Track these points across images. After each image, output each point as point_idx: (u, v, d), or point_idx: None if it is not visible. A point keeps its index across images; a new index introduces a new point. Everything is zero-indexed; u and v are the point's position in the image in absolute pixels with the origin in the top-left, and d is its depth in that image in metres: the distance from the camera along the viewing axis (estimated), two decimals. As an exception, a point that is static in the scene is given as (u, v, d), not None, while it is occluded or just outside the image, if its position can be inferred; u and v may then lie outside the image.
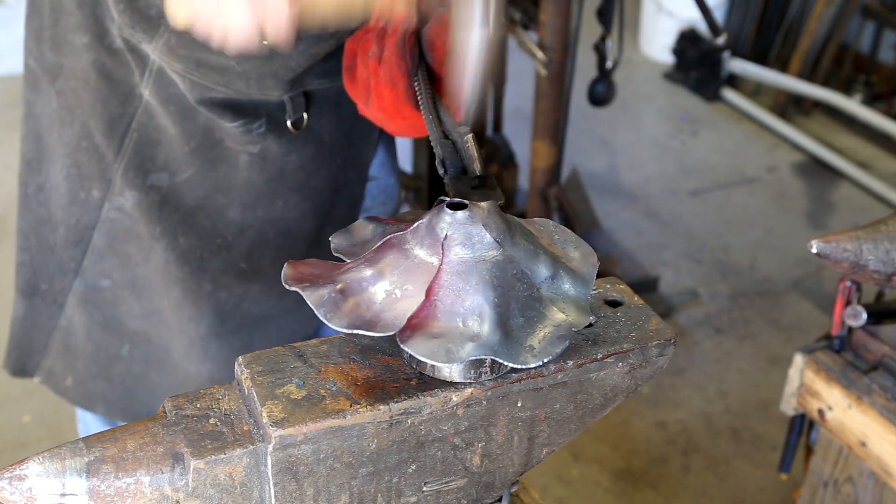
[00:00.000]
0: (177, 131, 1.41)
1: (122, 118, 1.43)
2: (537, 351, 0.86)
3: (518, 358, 0.85)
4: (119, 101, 1.42)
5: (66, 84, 1.46)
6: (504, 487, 1.01)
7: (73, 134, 1.48)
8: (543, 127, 2.99)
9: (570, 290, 0.93)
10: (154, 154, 1.44)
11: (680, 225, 3.82)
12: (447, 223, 0.89)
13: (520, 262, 0.90)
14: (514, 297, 0.88)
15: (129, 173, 1.45)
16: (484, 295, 0.87)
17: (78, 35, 1.41)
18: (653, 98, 4.89)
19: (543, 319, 0.89)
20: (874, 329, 1.47)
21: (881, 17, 4.59)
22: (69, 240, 1.54)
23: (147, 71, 1.37)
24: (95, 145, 1.46)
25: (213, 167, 1.44)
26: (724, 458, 2.75)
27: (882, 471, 1.43)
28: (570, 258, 0.96)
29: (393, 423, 0.88)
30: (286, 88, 1.36)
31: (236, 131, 1.40)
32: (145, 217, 1.47)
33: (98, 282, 1.56)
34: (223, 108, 1.37)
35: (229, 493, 0.86)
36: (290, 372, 0.90)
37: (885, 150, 4.41)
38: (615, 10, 2.82)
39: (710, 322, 3.31)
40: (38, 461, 0.82)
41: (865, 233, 1.33)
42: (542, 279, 0.91)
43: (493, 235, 0.89)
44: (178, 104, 1.39)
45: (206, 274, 1.51)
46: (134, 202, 1.47)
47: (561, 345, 0.86)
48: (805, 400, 1.53)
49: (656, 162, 4.29)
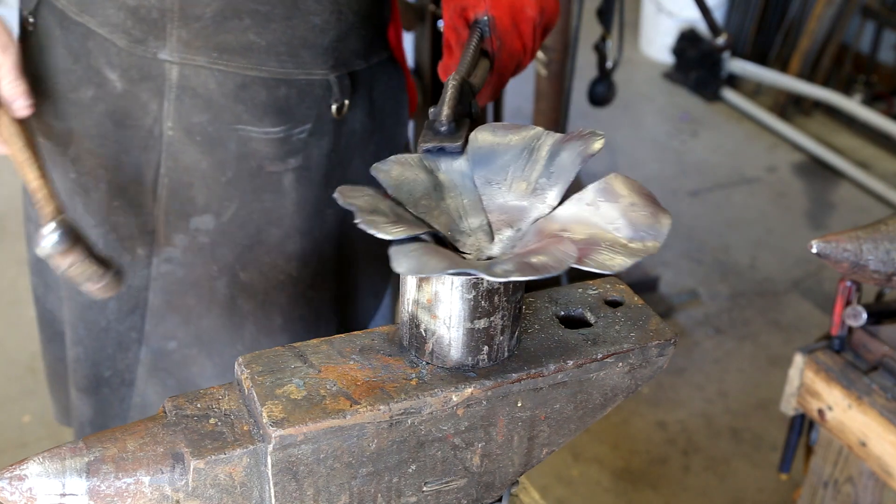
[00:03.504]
0: (208, 164, 1.33)
1: (149, 164, 1.34)
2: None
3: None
4: (141, 147, 1.33)
5: (81, 148, 1.37)
6: (504, 487, 1.01)
7: (102, 197, 1.38)
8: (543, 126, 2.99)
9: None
10: (192, 196, 1.35)
11: (680, 225, 3.82)
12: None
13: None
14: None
15: (171, 219, 1.36)
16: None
17: (81, 91, 1.34)
18: (653, 98, 4.89)
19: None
20: (874, 329, 1.47)
21: (881, 17, 4.59)
22: (123, 310, 1.44)
23: (166, 101, 1.30)
24: (129, 200, 1.37)
25: (258, 197, 1.36)
26: (724, 458, 2.75)
27: (882, 471, 1.43)
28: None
29: (393, 423, 0.88)
30: (328, 63, 1.30)
31: (276, 146, 1.32)
32: (200, 259, 1.39)
33: (164, 345, 1.46)
34: (263, 110, 1.30)
35: (229, 493, 0.86)
36: (290, 372, 0.90)
37: (885, 150, 4.41)
38: (615, 10, 2.83)
39: (710, 322, 3.31)
40: (38, 461, 0.82)
41: (865, 233, 1.33)
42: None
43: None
44: (203, 132, 1.31)
45: (275, 307, 1.44)
46: (184, 248, 1.38)
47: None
48: (805, 400, 1.53)
49: (656, 162, 4.29)
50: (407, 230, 0.84)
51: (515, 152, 0.97)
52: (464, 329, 0.90)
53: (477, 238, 0.93)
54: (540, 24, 1.22)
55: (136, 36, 1.28)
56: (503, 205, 0.95)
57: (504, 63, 1.20)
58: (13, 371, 2.88)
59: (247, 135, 1.32)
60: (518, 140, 0.98)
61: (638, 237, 0.86)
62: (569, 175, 0.94)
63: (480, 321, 0.90)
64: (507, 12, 1.18)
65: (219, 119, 1.31)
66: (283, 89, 1.31)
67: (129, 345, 1.47)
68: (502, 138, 0.98)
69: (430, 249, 0.84)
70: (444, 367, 0.92)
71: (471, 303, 0.88)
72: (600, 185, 0.91)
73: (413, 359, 0.93)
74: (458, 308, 0.89)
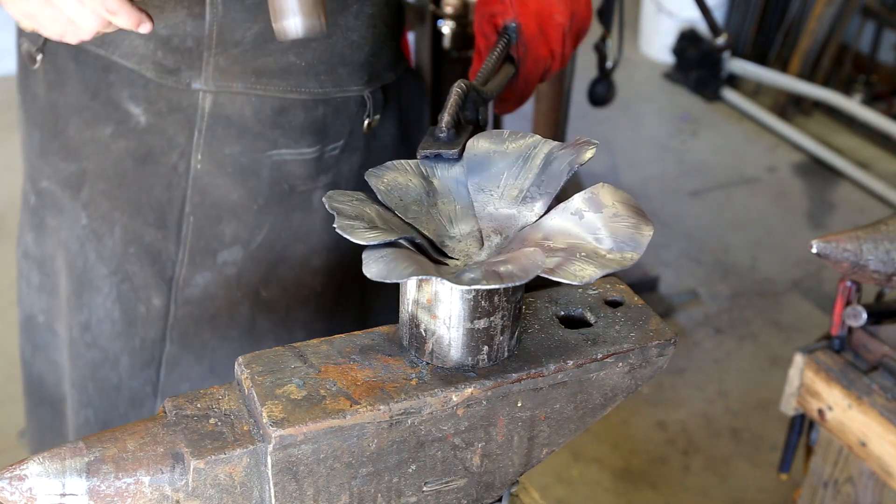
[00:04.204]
0: (240, 194, 1.27)
1: (172, 203, 1.27)
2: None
3: None
4: (164, 186, 1.26)
5: (95, 190, 1.29)
6: (504, 487, 1.01)
7: (116, 243, 1.30)
8: (543, 127, 2.99)
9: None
10: (220, 232, 1.29)
11: (680, 225, 3.82)
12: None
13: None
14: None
15: (197, 258, 1.30)
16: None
17: (98, 129, 1.26)
18: (653, 98, 4.89)
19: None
20: (874, 329, 1.47)
21: (881, 17, 4.59)
22: (137, 365, 1.35)
23: (196, 132, 1.24)
24: (147, 245, 1.29)
25: (288, 218, 1.31)
26: (724, 458, 2.75)
27: (882, 471, 1.43)
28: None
29: (393, 423, 0.88)
30: (363, 79, 1.27)
31: (309, 166, 1.28)
32: (223, 290, 1.32)
33: (177, 388, 1.38)
34: (301, 133, 1.25)
35: (229, 493, 0.86)
36: (290, 372, 0.90)
37: (885, 150, 4.41)
38: (615, 10, 2.82)
39: (710, 322, 3.31)
40: (38, 461, 0.82)
41: (865, 233, 1.33)
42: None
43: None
44: (236, 163, 1.25)
45: (297, 322, 1.39)
46: (206, 283, 1.31)
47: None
48: (805, 400, 1.53)
49: (656, 162, 4.29)
50: (382, 235, 0.85)
51: (510, 160, 0.97)
52: (463, 329, 0.90)
53: (467, 244, 0.94)
54: (570, 30, 1.20)
55: (167, 66, 1.22)
56: (493, 212, 0.96)
57: (529, 70, 1.19)
58: (13, 371, 2.88)
59: (281, 159, 1.28)
60: (515, 148, 0.98)
61: (617, 248, 0.87)
62: (557, 184, 0.94)
63: (480, 321, 0.90)
64: (533, 19, 1.17)
65: (253, 147, 1.26)
66: (321, 109, 1.27)
67: (144, 400, 1.39)
68: (499, 146, 0.99)
69: (401, 255, 0.84)
70: (444, 367, 0.92)
71: (470, 303, 0.88)
72: (586, 194, 0.92)
73: (413, 359, 0.93)
74: (458, 308, 0.89)
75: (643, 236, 0.87)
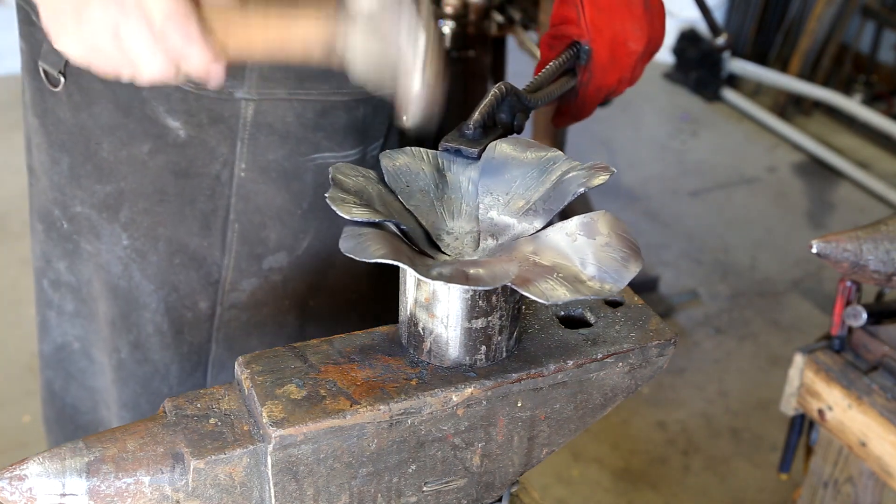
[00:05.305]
0: (285, 199, 1.26)
1: (216, 212, 1.25)
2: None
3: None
4: (207, 196, 1.24)
5: (135, 209, 1.26)
6: (504, 487, 1.01)
7: (161, 258, 1.28)
8: (543, 127, 2.99)
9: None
10: (264, 238, 1.27)
11: (680, 225, 3.82)
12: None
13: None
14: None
15: (242, 264, 1.28)
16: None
17: (134, 147, 1.22)
18: (653, 98, 4.89)
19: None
20: (874, 329, 1.47)
21: (881, 17, 4.59)
22: (186, 371, 1.35)
23: (239, 141, 1.21)
24: (192, 253, 1.28)
25: (333, 222, 1.29)
26: (724, 458, 2.75)
27: (882, 471, 1.43)
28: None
29: (393, 423, 0.88)
30: None
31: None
32: (270, 297, 1.31)
33: None
34: (343, 135, 1.24)
35: (229, 493, 0.86)
36: (290, 372, 0.90)
37: (885, 150, 4.41)
38: (615, 10, 2.82)
39: (710, 322, 3.31)
40: (38, 461, 0.82)
41: (865, 233, 1.33)
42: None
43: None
44: (279, 168, 1.23)
45: (345, 330, 1.34)
46: (252, 289, 1.30)
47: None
48: (805, 400, 1.53)
49: (656, 162, 4.29)
50: (368, 214, 0.86)
51: (525, 169, 0.97)
52: (461, 328, 0.90)
53: (462, 242, 0.94)
54: (644, 55, 1.19)
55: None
56: (495, 217, 0.96)
57: (590, 94, 1.18)
58: (13, 371, 2.88)
59: (325, 162, 1.26)
60: (533, 158, 0.98)
61: (599, 276, 0.87)
62: (560, 203, 0.94)
63: (478, 321, 0.90)
64: (607, 47, 1.16)
65: (296, 151, 1.24)
66: (362, 109, 1.25)
67: None
68: (520, 153, 0.98)
69: (380, 237, 0.84)
70: (442, 366, 0.92)
71: (468, 302, 0.88)
72: (585, 218, 0.92)
73: (413, 359, 0.93)
74: (456, 307, 0.89)
75: (628, 271, 0.87)
